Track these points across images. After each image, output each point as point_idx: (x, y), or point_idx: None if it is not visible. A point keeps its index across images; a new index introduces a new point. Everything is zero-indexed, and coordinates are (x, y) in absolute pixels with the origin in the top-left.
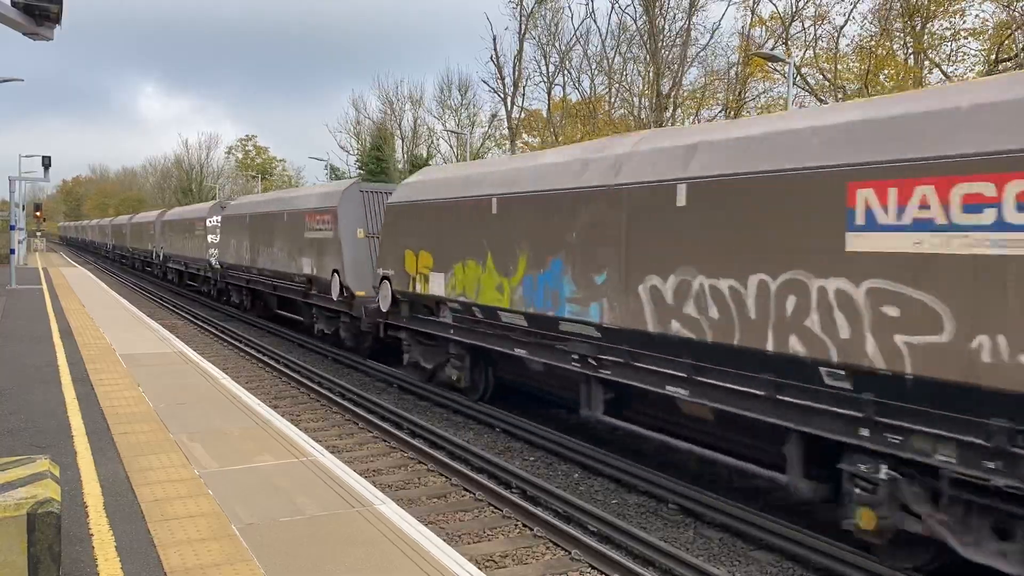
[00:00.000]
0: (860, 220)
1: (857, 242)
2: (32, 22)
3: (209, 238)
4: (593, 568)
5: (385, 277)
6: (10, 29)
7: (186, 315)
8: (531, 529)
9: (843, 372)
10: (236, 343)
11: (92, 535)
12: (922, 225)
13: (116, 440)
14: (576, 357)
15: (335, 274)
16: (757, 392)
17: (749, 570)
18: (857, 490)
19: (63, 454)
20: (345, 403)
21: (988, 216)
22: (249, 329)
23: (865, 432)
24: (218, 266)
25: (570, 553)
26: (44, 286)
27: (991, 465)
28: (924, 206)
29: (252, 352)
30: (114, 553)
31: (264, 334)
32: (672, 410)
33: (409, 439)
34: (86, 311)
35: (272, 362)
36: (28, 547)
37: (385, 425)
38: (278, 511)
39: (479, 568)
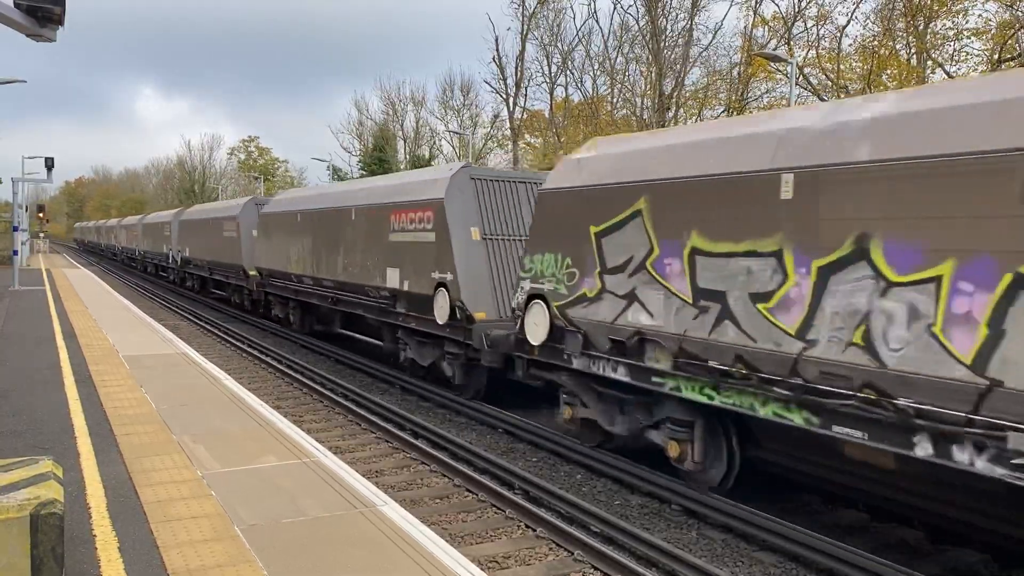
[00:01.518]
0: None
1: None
2: (35, 23)
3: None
4: (596, 569)
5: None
6: (10, 31)
7: (188, 316)
8: (534, 530)
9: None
10: (238, 344)
11: (95, 536)
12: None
13: (119, 441)
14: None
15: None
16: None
17: (752, 571)
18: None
19: (66, 455)
20: (348, 404)
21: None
22: (251, 330)
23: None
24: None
25: (573, 554)
26: (47, 287)
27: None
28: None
29: (254, 353)
30: (117, 554)
31: (266, 335)
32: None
33: (412, 440)
34: (89, 313)
35: (274, 363)
36: (31, 548)
37: (388, 426)
38: (281, 512)
39: (482, 569)
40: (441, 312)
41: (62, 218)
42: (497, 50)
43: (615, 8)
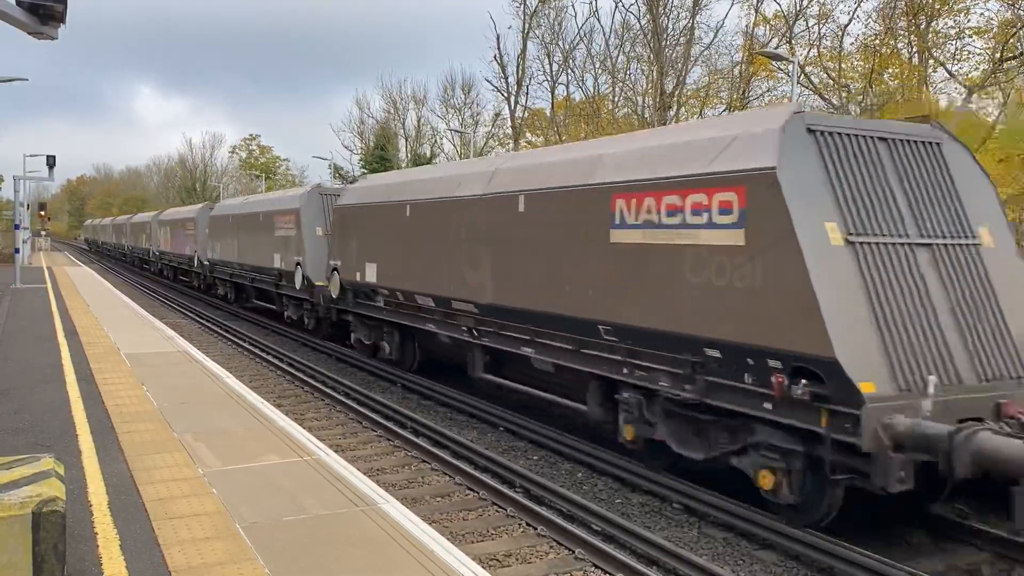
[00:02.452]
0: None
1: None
2: (37, 21)
3: None
4: (597, 567)
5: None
6: (11, 29)
7: (190, 314)
8: (535, 528)
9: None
10: (240, 342)
11: (96, 534)
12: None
13: (120, 439)
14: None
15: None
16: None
17: (753, 569)
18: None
19: (67, 453)
20: (349, 402)
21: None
22: (252, 328)
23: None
24: None
25: (574, 552)
26: (48, 285)
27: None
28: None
29: (256, 351)
30: (118, 552)
31: (268, 333)
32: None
33: (413, 438)
34: (90, 311)
35: (276, 361)
36: (33, 546)
37: (389, 424)
38: (282, 510)
39: (483, 567)
40: None
41: (63, 216)
42: (498, 48)
43: (616, 7)
